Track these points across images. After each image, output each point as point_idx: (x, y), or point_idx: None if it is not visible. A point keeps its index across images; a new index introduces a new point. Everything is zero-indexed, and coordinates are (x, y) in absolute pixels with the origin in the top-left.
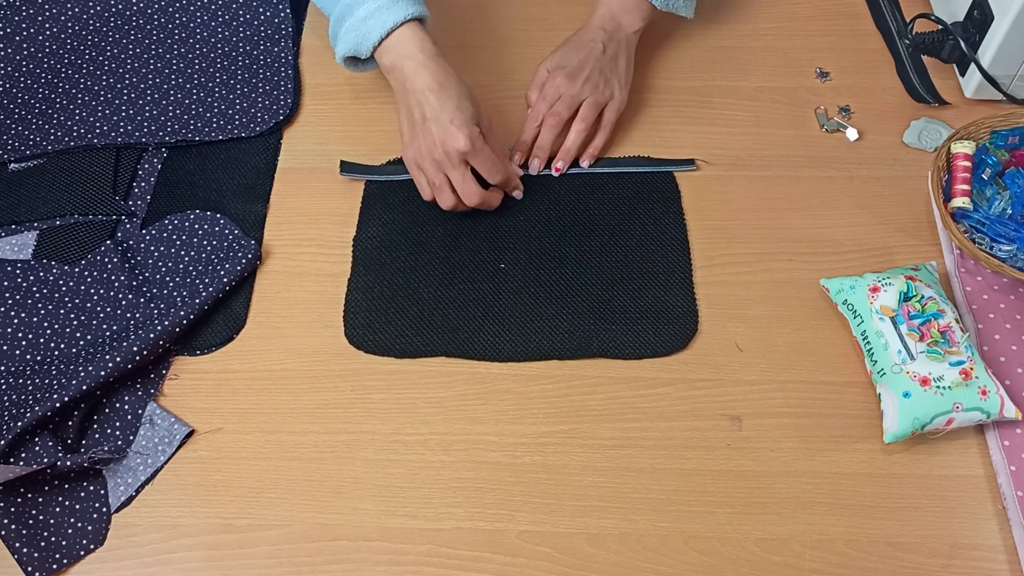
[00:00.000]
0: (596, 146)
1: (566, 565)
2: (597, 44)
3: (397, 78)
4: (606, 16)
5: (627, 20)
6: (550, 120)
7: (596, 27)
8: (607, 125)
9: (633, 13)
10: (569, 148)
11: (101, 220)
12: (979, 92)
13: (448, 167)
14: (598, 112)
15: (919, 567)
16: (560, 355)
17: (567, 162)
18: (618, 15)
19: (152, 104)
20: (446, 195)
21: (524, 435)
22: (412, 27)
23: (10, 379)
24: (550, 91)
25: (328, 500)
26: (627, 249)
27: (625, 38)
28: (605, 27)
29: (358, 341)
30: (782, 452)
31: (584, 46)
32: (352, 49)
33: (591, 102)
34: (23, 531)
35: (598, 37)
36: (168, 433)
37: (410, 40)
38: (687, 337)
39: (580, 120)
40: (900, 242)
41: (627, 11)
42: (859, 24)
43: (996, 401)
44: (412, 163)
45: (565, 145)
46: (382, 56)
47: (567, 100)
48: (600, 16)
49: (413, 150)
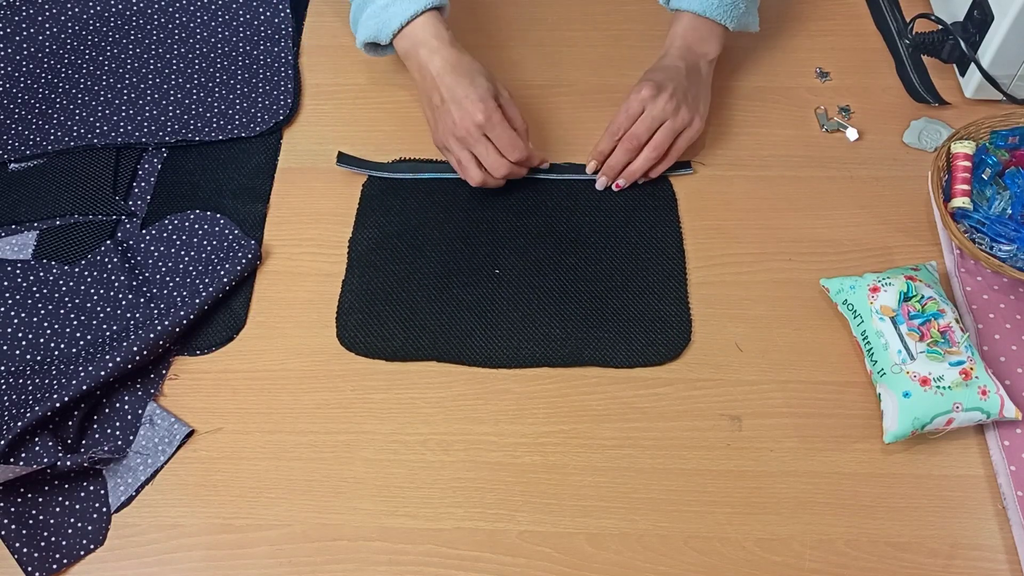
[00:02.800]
0: (658, 171)
1: (566, 565)
2: (680, 71)
3: (414, 64)
4: (683, 48)
5: (704, 48)
6: (628, 144)
7: (676, 57)
8: (676, 153)
9: (709, 40)
10: (635, 171)
11: (101, 220)
12: (979, 92)
13: (471, 143)
14: (673, 139)
15: (919, 567)
16: (552, 363)
17: (629, 182)
18: (694, 45)
19: (152, 104)
20: (472, 171)
21: (524, 435)
22: (430, 15)
23: (10, 379)
24: (634, 104)
25: (328, 500)
26: (622, 257)
27: (705, 69)
28: (685, 57)
29: (350, 343)
30: (782, 452)
31: (667, 70)
32: (372, 35)
33: (669, 127)
34: (23, 531)
35: (680, 65)
36: (168, 433)
37: (427, 28)
38: (680, 347)
39: (653, 147)
40: (900, 242)
41: (703, 40)
42: (859, 24)
43: (996, 401)
44: (440, 147)
45: (631, 167)
46: (400, 42)
47: (648, 121)
48: (677, 48)
49: (439, 133)
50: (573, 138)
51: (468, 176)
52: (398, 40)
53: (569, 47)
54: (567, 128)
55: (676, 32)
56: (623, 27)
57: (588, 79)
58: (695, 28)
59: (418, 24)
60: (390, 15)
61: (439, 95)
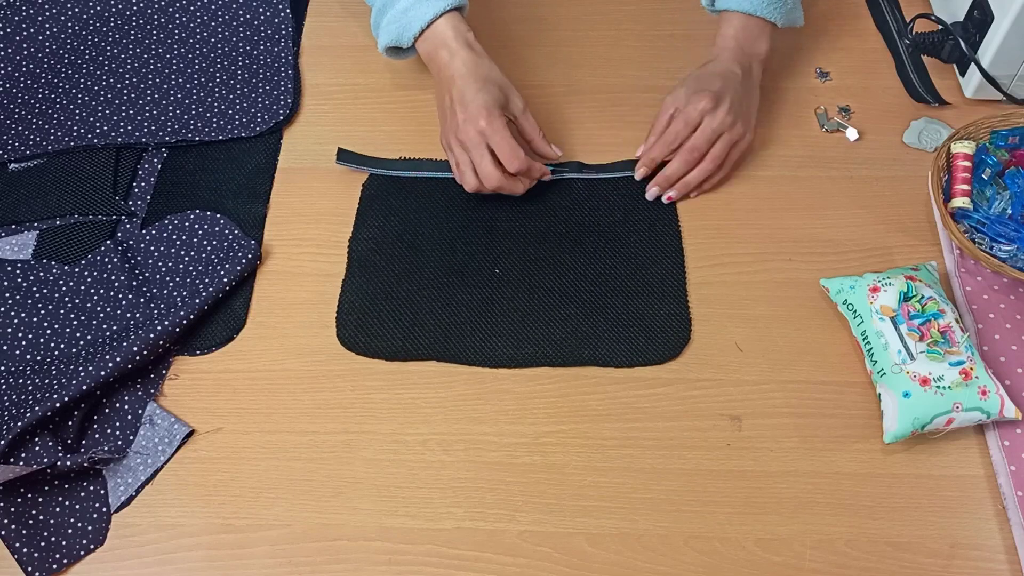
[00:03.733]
0: (711, 183)
1: (566, 565)
2: (736, 77)
3: (435, 66)
4: (736, 50)
5: (757, 48)
6: (687, 155)
7: (731, 60)
8: (730, 165)
9: (760, 39)
10: (691, 183)
11: (101, 220)
12: (979, 92)
13: (469, 148)
14: (728, 150)
15: (919, 567)
16: (552, 362)
17: (681, 194)
18: (746, 45)
19: (152, 104)
20: (468, 176)
21: (524, 435)
22: (450, 17)
23: (10, 379)
24: (692, 113)
25: (328, 500)
26: (622, 256)
27: (756, 71)
28: (739, 60)
29: (350, 343)
30: (782, 452)
31: (724, 76)
32: (394, 39)
33: (727, 139)
34: (23, 531)
35: (736, 70)
36: (168, 433)
37: (447, 29)
38: (679, 346)
39: (713, 160)
40: (900, 242)
41: (754, 39)
42: (859, 24)
43: (996, 401)
44: (444, 146)
45: (688, 179)
46: (422, 45)
47: (707, 133)
48: (731, 51)
49: (444, 133)
50: (573, 138)
51: (464, 181)
52: (420, 42)
53: (569, 47)
54: (567, 128)
55: (727, 34)
56: (623, 27)
57: (588, 79)
58: (746, 27)
59: (439, 25)
60: (410, 19)
61: (449, 96)
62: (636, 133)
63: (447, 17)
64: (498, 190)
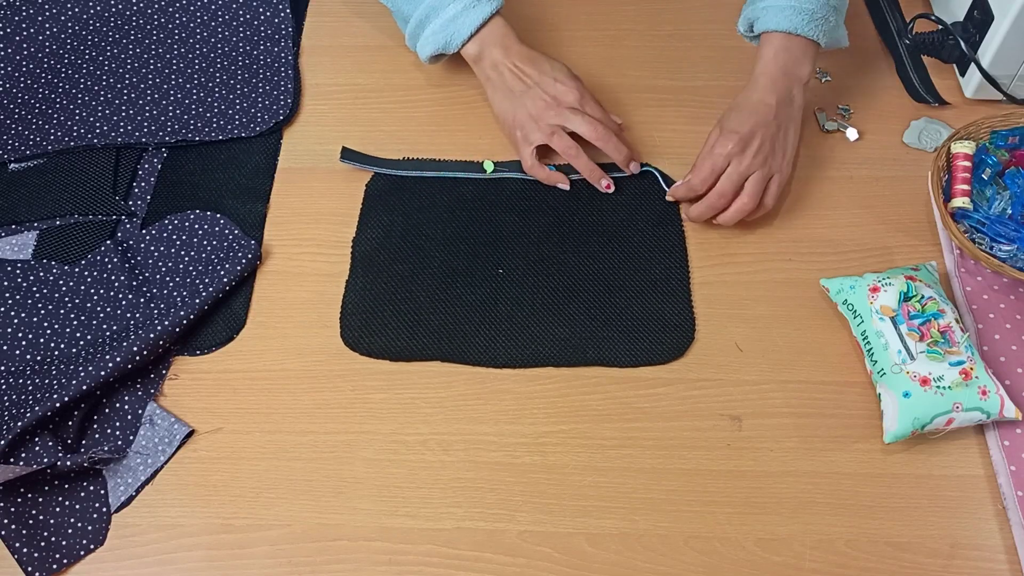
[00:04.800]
0: (753, 217)
1: (566, 565)
2: (770, 109)
3: (487, 64)
4: (776, 74)
5: (800, 71)
6: (715, 201)
7: (767, 89)
8: (771, 201)
9: (802, 61)
10: (729, 219)
11: (101, 220)
12: (979, 92)
13: (567, 117)
14: (764, 185)
15: (919, 567)
16: (556, 362)
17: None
18: (790, 68)
19: (152, 104)
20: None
21: (524, 435)
22: (496, 19)
23: (10, 379)
24: (719, 157)
25: (328, 500)
26: (625, 256)
27: (798, 97)
28: (777, 87)
29: (353, 343)
30: (782, 452)
31: (756, 111)
32: (440, 48)
33: (759, 177)
34: (23, 531)
35: (770, 101)
36: (168, 433)
37: (496, 30)
38: (684, 346)
39: (747, 196)
40: (900, 242)
41: (796, 61)
42: (859, 24)
43: (996, 401)
44: (521, 140)
45: (723, 216)
46: (469, 48)
47: (734, 177)
48: (769, 76)
49: (520, 118)
50: None
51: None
52: (469, 45)
53: (569, 47)
54: None
55: (767, 57)
56: (623, 27)
57: (588, 79)
58: (787, 49)
59: (487, 27)
60: (459, 26)
61: (522, 83)
62: (636, 133)
63: (494, 19)
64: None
